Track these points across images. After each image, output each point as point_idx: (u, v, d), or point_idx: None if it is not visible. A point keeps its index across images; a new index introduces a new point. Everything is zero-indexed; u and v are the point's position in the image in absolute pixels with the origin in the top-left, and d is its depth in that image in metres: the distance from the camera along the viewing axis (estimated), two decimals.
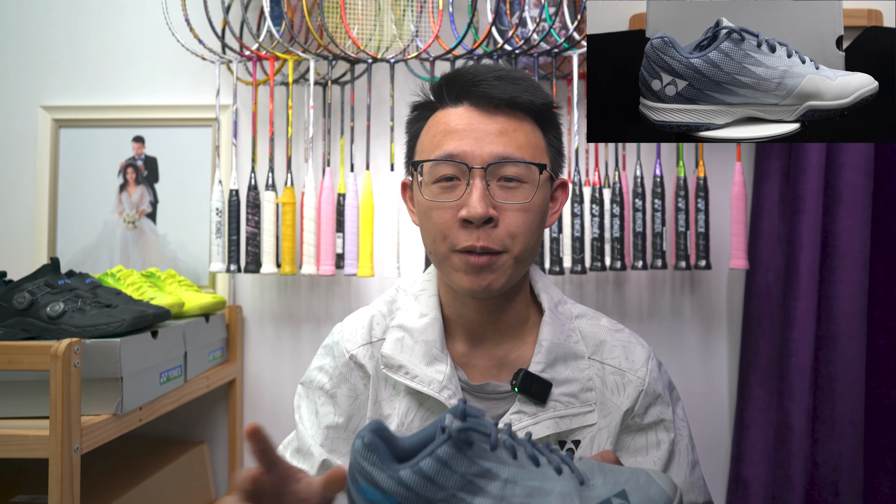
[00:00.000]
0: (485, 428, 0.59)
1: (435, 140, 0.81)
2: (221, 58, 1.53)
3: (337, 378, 0.89)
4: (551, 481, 0.58)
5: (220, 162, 1.61)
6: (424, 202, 0.81)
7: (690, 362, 1.63)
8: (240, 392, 1.64)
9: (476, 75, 0.80)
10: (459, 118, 0.80)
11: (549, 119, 0.85)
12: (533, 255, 0.83)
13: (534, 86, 0.82)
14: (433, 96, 0.85)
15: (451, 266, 0.80)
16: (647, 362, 0.88)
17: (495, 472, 0.58)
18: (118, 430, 1.11)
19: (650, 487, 0.59)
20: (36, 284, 1.16)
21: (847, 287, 1.39)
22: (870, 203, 1.40)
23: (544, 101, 0.82)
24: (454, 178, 0.79)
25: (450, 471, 0.57)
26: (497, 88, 0.79)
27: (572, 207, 1.45)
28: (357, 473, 0.58)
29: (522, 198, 0.79)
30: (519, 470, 0.58)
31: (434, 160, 0.80)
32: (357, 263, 1.49)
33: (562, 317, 0.88)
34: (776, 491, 1.46)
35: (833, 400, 1.40)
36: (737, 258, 1.44)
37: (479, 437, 0.58)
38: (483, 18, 1.54)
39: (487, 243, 0.77)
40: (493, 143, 0.78)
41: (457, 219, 0.78)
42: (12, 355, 0.99)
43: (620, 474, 0.60)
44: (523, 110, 0.81)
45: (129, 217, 1.67)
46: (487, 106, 0.80)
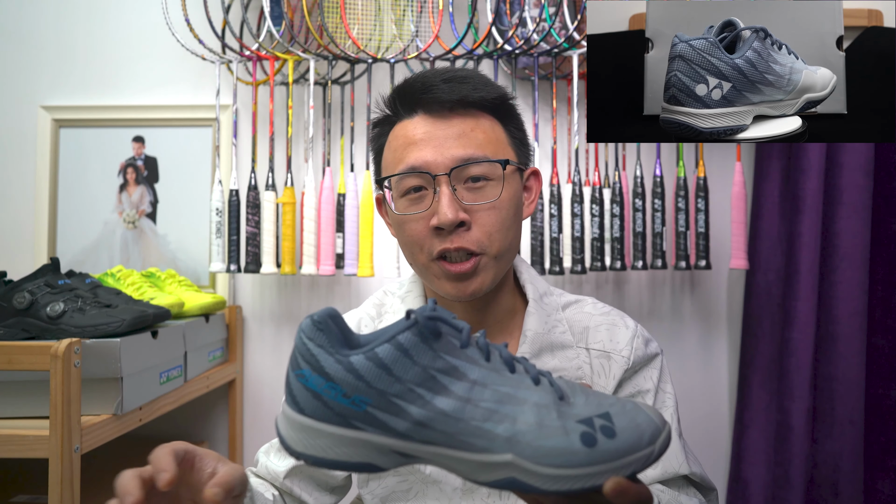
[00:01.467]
0: (457, 324, 0.52)
1: (397, 154, 0.81)
2: (221, 58, 1.53)
3: None
4: (526, 390, 0.51)
5: (220, 162, 1.61)
6: (396, 216, 0.82)
7: (690, 362, 1.63)
8: (240, 392, 1.64)
9: (425, 82, 0.80)
10: (416, 128, 0.80)
11: (507, 111, 0.84)
12: (513, 249, 0.83)
13: (483, 81, 0.81)
14: (389, 110, 0.85)
15: (433, 275, 0.81)
16: (631, 341, 0.87)
17: (463, 371, 0.50)
18: (118, 430, 1.11)
19: (637, 414, 0.52)
20: (36, 284, 1.16)
21: (847, 287, 1.39)
22: (870, 203, 1.40)
23: (497, 95, 0.82)
24: (421, 188, 0.79)
25: (410, 361, 0.49)
26: (447, 91, 0.79)
27: (572, 207, 1.45)
28: (299, 356, 0.50)
29: (491, 196, 0.79)
30: (491, 373, 0.51)
31: (398, 174, 0.80)
32: (357, 263, 1.49)
33: (547, 307, 0.88)
34: (776, 491, 1.46)
35: (833, 400, 1.40)
36: (737, 258, 1.44)
37: (449, 331, 0.51)
38: (483, 18, 1.54)
39: (461, 244, 0.78)
40: (452, 147, 0.78)
41: (429, 227, 0.79)
42: (12, 355, 0.99)
43: (605, 398, 0.54)
44: (478, 108, 0.81)
45: (129, 217, 1.67)
46: (441, 110, 0.80)
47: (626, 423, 0.51)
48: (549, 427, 0.49)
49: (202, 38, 1.51)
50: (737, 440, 1.55)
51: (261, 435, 1.65)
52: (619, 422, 0.51)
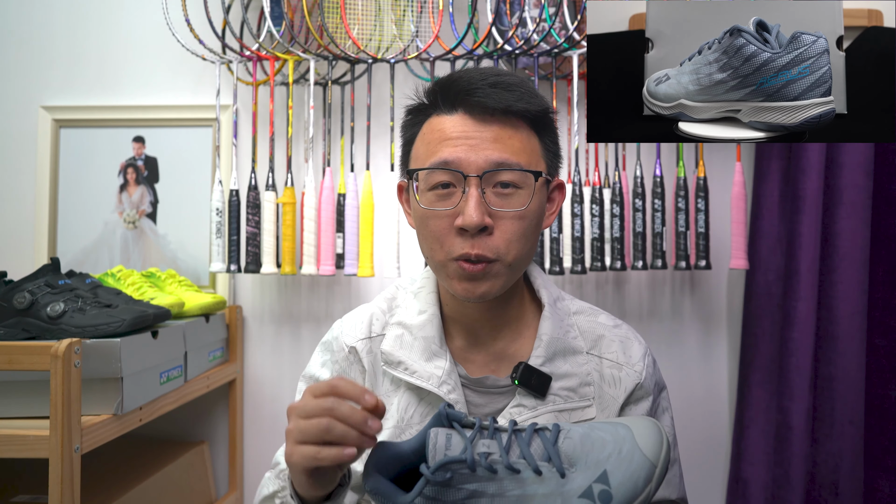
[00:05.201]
0: (460, 454, 0.63)
1: (430, 147, 0.81)
2: (222, 58, 1.53)
3: (338, 372, 0.91)
4: (532, 485, 0.62)
5: (220, 162, 1.61)
6: (420, 210, 0.82)
7: (690, 362, 1.63)
8: (240, 392, 1.64)
9: (471, 83, 0.80)
10: (454, 125, 0.80)
11: (546, 124, 0.84)
12: (528, 259, 0.84)
13: (529, 92, 0.81)
14: (427, 101, 0.84)
15: (447, 273, 0.81)
16: (643, 358, 0.89)
17: (481, 491, 0.62)
18: (118, 430, 1.11)
19: (633, 459, 0.62)
20: (36, 284, 1.16)
21: (847, 287, 1.39)
22: (870, 203, 1.40)
23: (540, 108, 0.82)
24: (450, 184, 0.79)
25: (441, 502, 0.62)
26: (492, 97, 0.78)
27: (572, 207, 1.45)
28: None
29: (518, 205, 0.79)
30: (501, 483, 0.62)
31: (429, 168, 0.80)
32: (357, 263, 1.49)
33: (560, 312, 0.89)
34: (776, 491, 1.46)
35: (833, 400, 1.41)
36: (737, 258, 1.44)
37: (456, 466, 0.62)
38: (483, 18, 1.54)
39: (482, 251, 0.78)
40: (488, 150, 0.78)
41: (453, 226, 0.79)
42: (12, 355, 0.99)
43: (602, 450, 0.63)
44: (519, 117, 0.81)
45: (129, 217, 1.67)
46: (482, 114, 0.79)
47: (621, 478, 0.61)
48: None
49: (202, 39, 1.51)
50: (737, 440, 1.55)
51: (261, 435, 1.65)
52: (615, 478, 0.61)
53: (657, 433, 0.64)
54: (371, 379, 0.88)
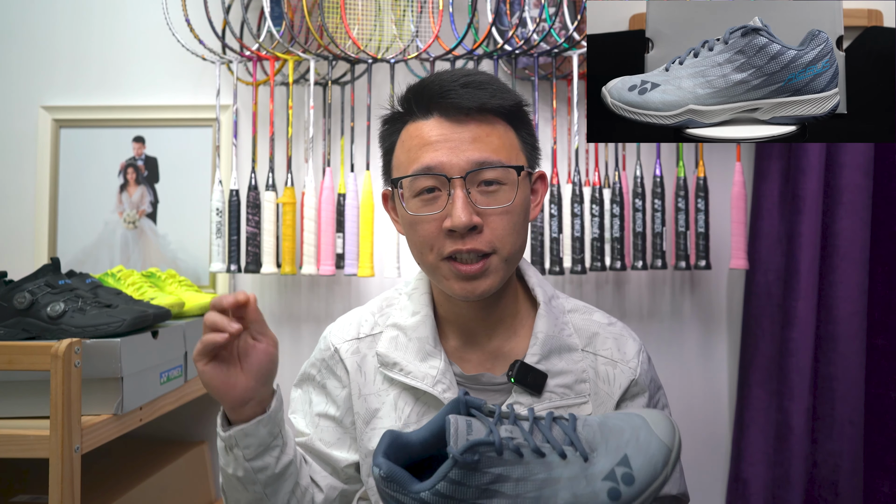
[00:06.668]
0: (486, 437, 0.62)
1: (411, 154, 0.81)
2: (222, 58, 1.53)
3: (325, 371, 0.93)
4: (558, 468, 0.63)
5: (220, 162, 1.61)
6: (408, 216, 0.82)
7: (690, 362, 1.63)
8: None
9: (443, 85, 0.80)
10: (432, 129, 0.80)
11: (521, 118, 0.85)
12: (521, 251, 0.84)
13: (501, 88, 0.82)
14: (402, 108, 0.85)
15: (442, 275, 0.82)
16: (638, 354, 0.90)
17: (506, 475, 0.62)
18: (118, 430, 1.11)
19: (650, 444, 0.64)
20: (36, 284, 1.16)
21: (847, 287, 1.39)
22: (870, 203, 1.40)
23: (514, 102, 0.83)
24: (435, 189, 0.80)
25: (465, 487, 0.62)
26: (466, 97, 0.79)
27: (572, 207, 1.45)
28: (386, 498, 0.65)
29: (504, 200, 0.80)
30: (527, 466, 0.62)
31: (413, 175, 0.80)
32: (357, 263, 1.49)
33: (555, 310, 0.89)
34: (776, 491, 1.46)
35: (833, 400, 1.41)
36: (737, 258, 1.44)
37: (484, 449, 0.62)
38: (483, 18, 1.54)
39: (475, 245, 0.78)
40: (468, 150, 0.79)
41: (442, 229, 0.79)
42: (12, 355, 0.99)
43: (621, 436, 0.64)
44: (494, 114, 0.81)
45: (129, 217, 1.67)
46: (458, 115, 0.80)
47: (641, 461, 0.63)
48: (582, 496, 0.62)
49: (202, 39, 1.51)
50: (737, 440, 1.55)
51: None
52: (636, 462, 0.63)
53: (668, 421, 0.66)
54: (357, 378, 0.90)
